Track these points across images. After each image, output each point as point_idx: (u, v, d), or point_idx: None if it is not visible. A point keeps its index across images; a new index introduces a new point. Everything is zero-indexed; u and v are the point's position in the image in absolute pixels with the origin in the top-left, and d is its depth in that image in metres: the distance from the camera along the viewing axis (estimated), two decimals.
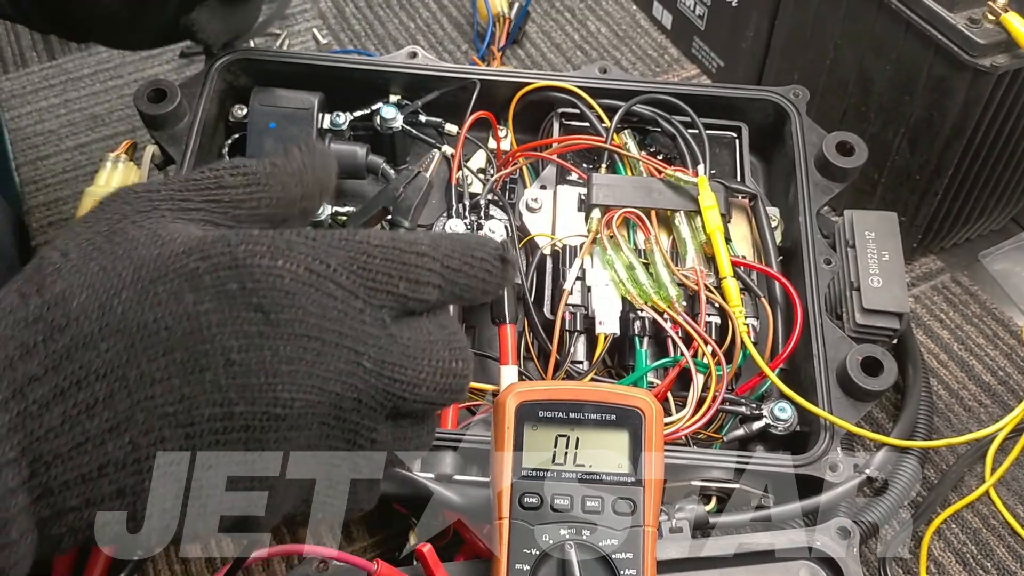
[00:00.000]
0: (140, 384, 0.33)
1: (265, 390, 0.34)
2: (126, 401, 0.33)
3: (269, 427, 0.35)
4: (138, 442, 0.33)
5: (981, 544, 0.68)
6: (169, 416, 0.33)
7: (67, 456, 0.32)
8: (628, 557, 0.51)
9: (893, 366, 0.62)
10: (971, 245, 0.87)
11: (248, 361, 0.34)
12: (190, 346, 0.34)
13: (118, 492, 0.33)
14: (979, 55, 0.68)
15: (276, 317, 0.35)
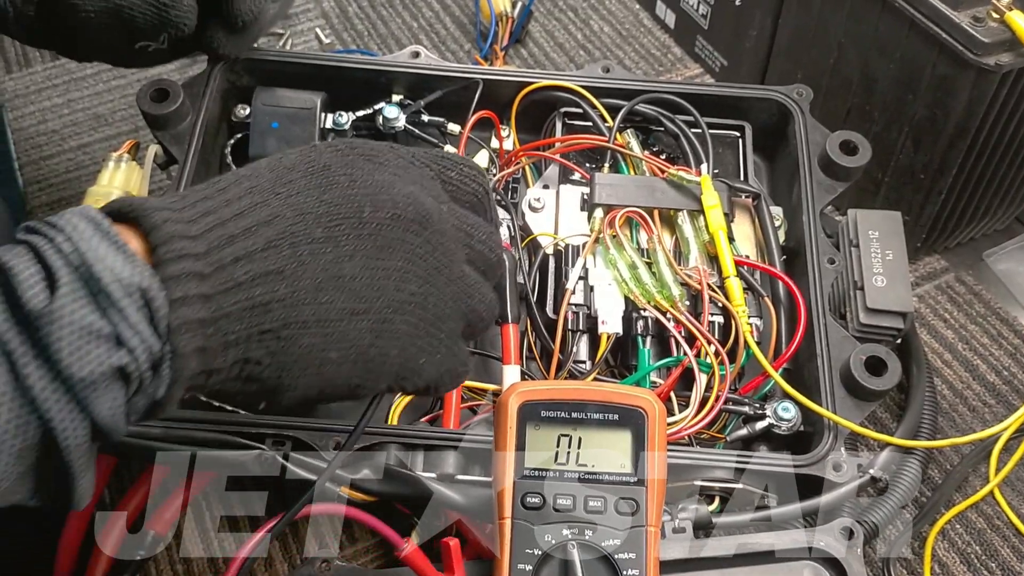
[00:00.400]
0: (288, 195, 0.41)
1: (384, 198, 0.42)
2: (278, 205, 0.40)
3: (391, 226, 0.42)
4: (291, 230, 0.40)
5: (985, 544, 0.68)
6: (314, 215, 0.41)
7: (237, 238, 0.38)
8: (631, 557, 0.51)
9: (897, 366, 0.61)
10: (975, 244, 0.87)
11: (367, 181, 0.43)
12: (321, 175, 0.42)
13: (279, 272, 0.39)
14: (983, 54, 0.67)
15: (379, 161, 0.45)
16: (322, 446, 0.58)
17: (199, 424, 0.59)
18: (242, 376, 0.39)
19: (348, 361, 0.41)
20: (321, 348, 0.40)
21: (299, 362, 0.40)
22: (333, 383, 0.42)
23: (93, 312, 0.34)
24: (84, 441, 0.35)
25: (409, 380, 0.44)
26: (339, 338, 0.40)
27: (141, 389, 0.36)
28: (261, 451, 0.57)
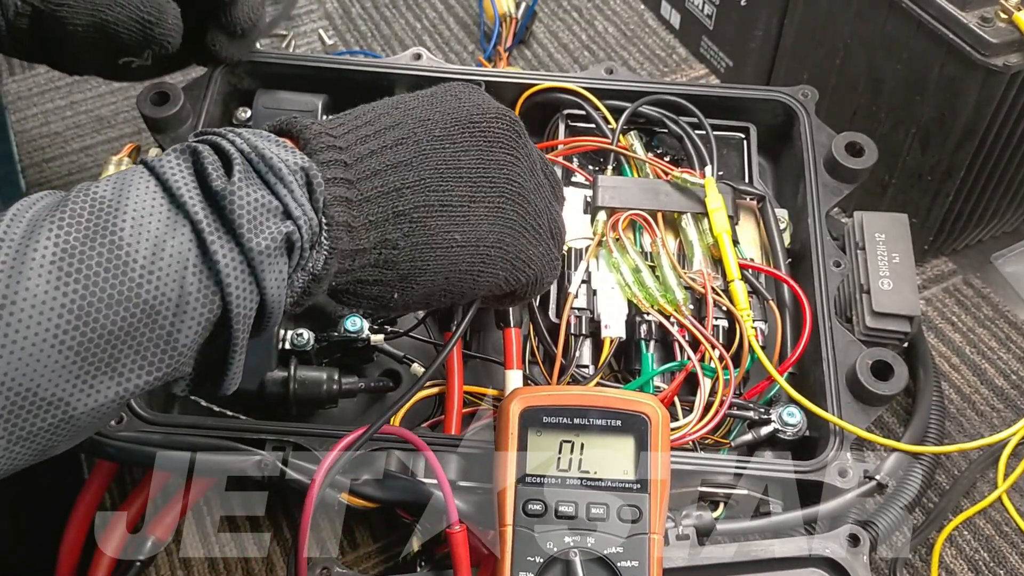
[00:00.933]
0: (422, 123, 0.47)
1: (486, 106, 0.49)
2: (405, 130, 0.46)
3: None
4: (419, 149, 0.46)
5: (993, 551, 0.67)
6: (437, 138, 0.47)
7: (376, 154, 0.44)
8: (634, 565, 0.51)
9: (904, 370, 0.61)
10: (983, 247, 0.86)
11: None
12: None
13: (418, 182, 0.45)
14: (991, 54, 0.67)
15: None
16: (323, 452, 0.57)
17: (199, 430, 0.59)
18: (381, 261, 0.44)
19: (471, 244, 0.46)
20: (447, 230, 0.45)
21: (429, 243, 0.45)
22: (458, 268, 0.47)
23: (264, 189, 0.39)
24: (251, 314, 0.39)
25: (521, 269, 0.50)
26: (462, 221, 0.46)
27: (301, 264, 0.41)
28: (261, 456, 0.57)
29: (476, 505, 0.56)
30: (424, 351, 0.68)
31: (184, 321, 0.37)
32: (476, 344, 0.70)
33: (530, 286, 0.52)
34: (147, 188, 0.38)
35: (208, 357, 0.40)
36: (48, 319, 0.34)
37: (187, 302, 0.37)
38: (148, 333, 0.36)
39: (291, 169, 0.40)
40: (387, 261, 0.44)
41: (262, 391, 0.62)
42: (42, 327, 0.34)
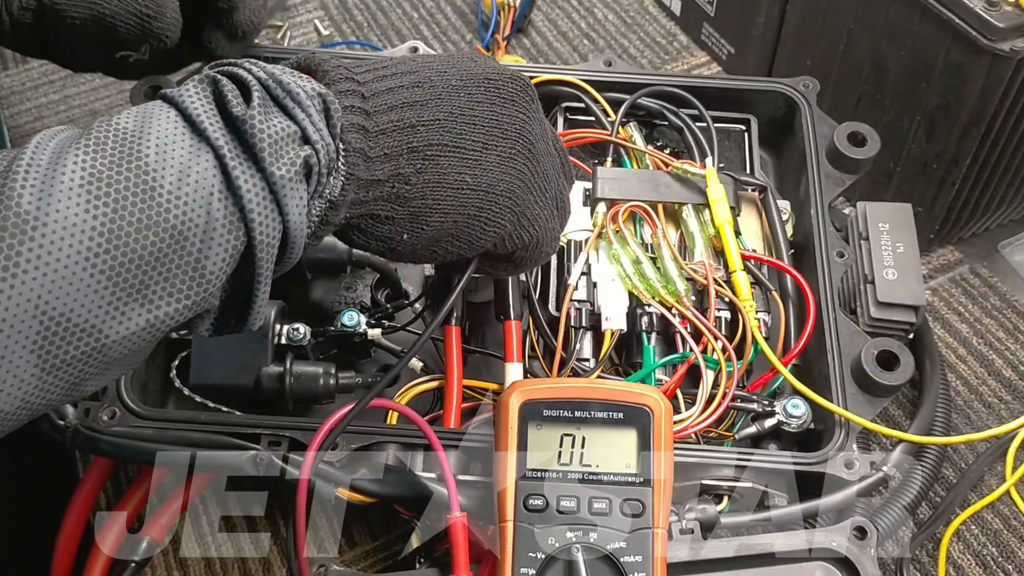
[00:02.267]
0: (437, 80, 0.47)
1: (503, 68, 0.49)
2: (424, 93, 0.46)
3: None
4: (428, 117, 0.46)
5: (1002, 546, 0.66)
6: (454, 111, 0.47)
7: (388, 111, 0.44)
8: (637, 560, 0.50)
9: (910, 360, 0.60)
10: (990, 235, 0.85)
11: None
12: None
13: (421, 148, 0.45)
14: (998, 39, 0.66)
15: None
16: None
17: (195, 425, 0.58)
18: (393, 195, 0.44)
19: (481, 188, 0.46)
20: (458, 170, 0.46)
21: (440, 181, 0.45)
22: (467, 211, 0.47)
23: (282, 115, 0.40)
24: (275, 243, 0.40)
25: (525, 227, 0.50)
26: (473, 164, 0.46)
27: (319, 190, 0.41)
28: (256, 451, 0.56)
29: (476, 500, 0.56)
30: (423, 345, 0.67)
31: (212, 248, 0.37)
32: (476, 339, 0.69)
33: (530, 250, 0.52)
34: (168, 118, 0.38)
35: (234, 291, 0.41)
36: (79, 241, 0.34)
37: (214, 228, 0.37)
38: (177, 260, 0.37)
39: (308, 95, 0.41)
40: (399, 196, 0.45)
41: (258, 386, 0.61)
42: (73, 249, 0.34)
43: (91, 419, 0.58)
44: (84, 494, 0.63)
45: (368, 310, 0.66)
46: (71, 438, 0.58)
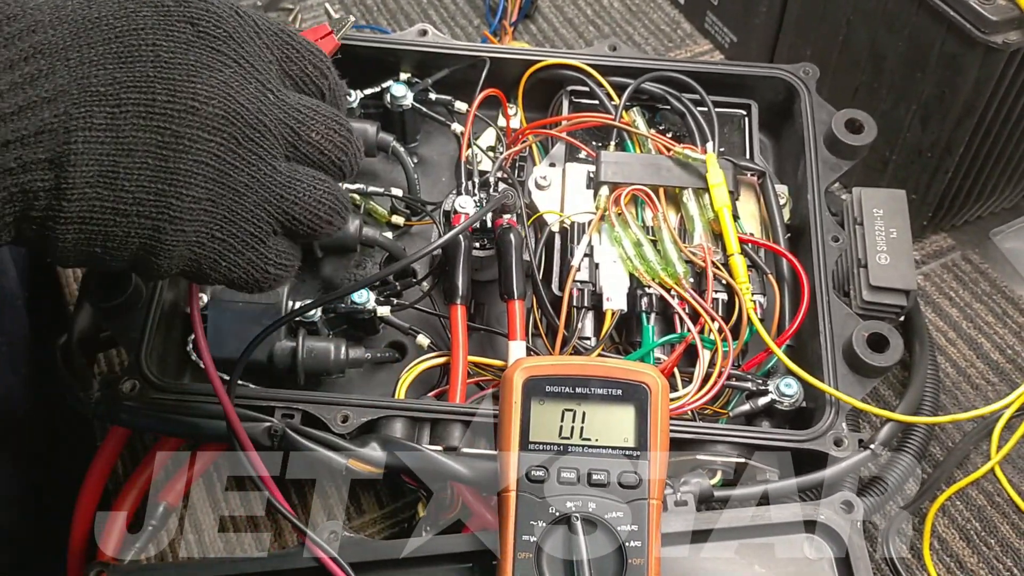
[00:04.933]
0: (79, 65, 0.38)
1: (186, 85, 0.40)
2: (65, 77, 0.38)
3: (185, 121, 0.40)
4: (71, 112, 0.38)
5: (985, 521, 0.69)
6: (100, 96, 0.39)
7: (9, 118, 0.37)
8: (633, 529, 0.52)
9: (899, 343, 0.62)
10: (982, 223, 0.87)
11: (174, 61, 0.40)
12: (126, 41, 0.39)
13: (49, 161, 0.38)
14: (991, 32, 0.67)
15: (204, 30, 0.41)
16: (330, 419, 0.59)
17: (211, 397, 0.60)
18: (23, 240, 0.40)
19: (126, 251, 0.41)
20: (87, 242, 0.40)
21: (70, 252, 0.40)
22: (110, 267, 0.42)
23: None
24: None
25: (204, 274, 0.44)
26: (106, 236, 0.40)
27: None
28: (271, 423, 0.58)
29: (480, 472, 0.58)
30: (429, 323, 0.69)
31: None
32: (480, 316, 0.71)
33: (229, 284, 0.46)
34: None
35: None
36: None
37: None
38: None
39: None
40: (29, 241, 0.40)
41: (271, 360, 0.64)
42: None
43: (113, 391, 0.60)
44: (102, 462, 0.66)
45: (377, 288, 0.68)
46: (94, 409, 0.60)
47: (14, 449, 0.68)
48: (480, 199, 0.69)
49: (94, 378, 0.61)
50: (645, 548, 0.51)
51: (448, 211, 0.70)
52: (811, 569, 0.56)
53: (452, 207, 0.69)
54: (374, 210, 0.73)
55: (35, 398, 0.68)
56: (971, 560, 0.67)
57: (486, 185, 0.71)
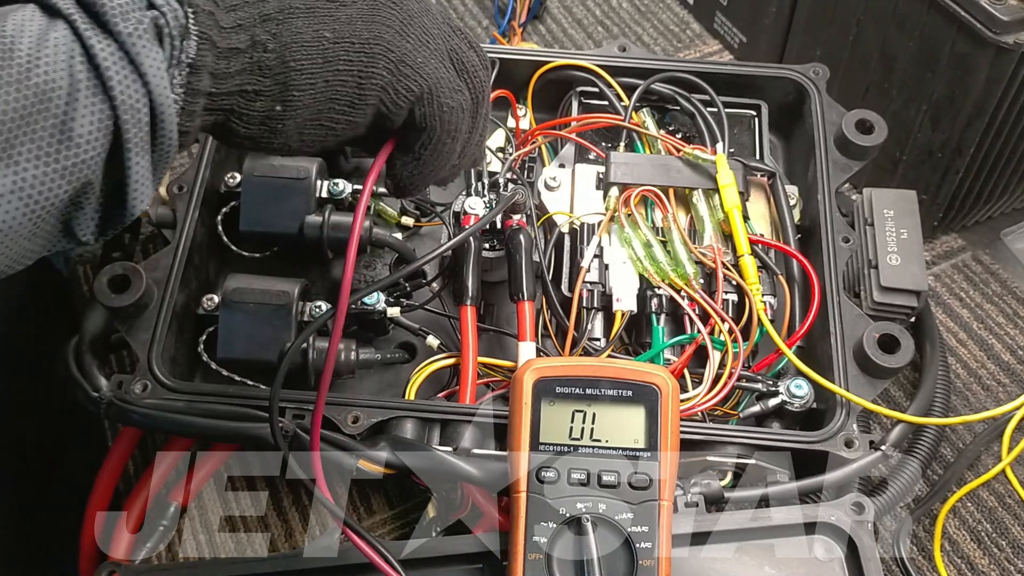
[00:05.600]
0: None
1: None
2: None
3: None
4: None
5: (996, 523, 0.69)
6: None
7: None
8: (643, 530, 0.52)
9: (910, 343, 0.62)
10: (993, 223, 0.87)
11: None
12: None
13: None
14: (1002, 32, 0.67)
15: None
16: (341, 420, 0.59)
17: (221, 397, 0.60)
18: (256, 67, 0.43)
19: (344, 40, 0.44)
20: (314, 28, 0.44)
21: (297, 41, 0.44)
22: (336, 67, 0.45)
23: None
24: (139, 107, 0.39)
25: (408, 76, 0.46)
26: (329, 20, 0.44)
27: (175, 55, 0.41)
28: (282, 423, 0.58)
29: (490, 473, 0.58)
30: (439, 324, 0.69)
31: (77, 110, 0.37)
32: (490, 317, 0.71)
33: (426, 104, 0.47)
34: (22, 8, 0.39)
35: (111, 169, 0.40)
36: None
37: (78, 91, 0.37)
38: (42, 121, 0.37)
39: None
40: (262, 66, 0.43)
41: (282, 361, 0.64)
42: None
43: (124, 391, 0.60)
44: (113, 462, 0.66)
45: (387, 289, 0.69)
46: (105, 410, 0.60)
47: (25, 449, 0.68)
48: (490, 200, 0.69)
49: (105, 379, 0.62)
50: (655, 549, 0.52)
51: (458, 212, 0.70)
52: (821, 570, 0.56)
53: (462, 208, 0.69)
54: (384, 211, 0.74)
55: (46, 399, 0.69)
56: (982, 561, 0.67)
57: (495, 186, 0.72)
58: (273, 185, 0.69)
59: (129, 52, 0.38)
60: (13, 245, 0.38)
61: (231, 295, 0.65)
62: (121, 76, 0.38)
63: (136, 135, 0.39)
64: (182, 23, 0.41)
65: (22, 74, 0.36)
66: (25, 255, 0.40)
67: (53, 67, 0.37)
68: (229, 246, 0.71)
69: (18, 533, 0.68)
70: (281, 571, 0.55)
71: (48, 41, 0.37)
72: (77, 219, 0.40)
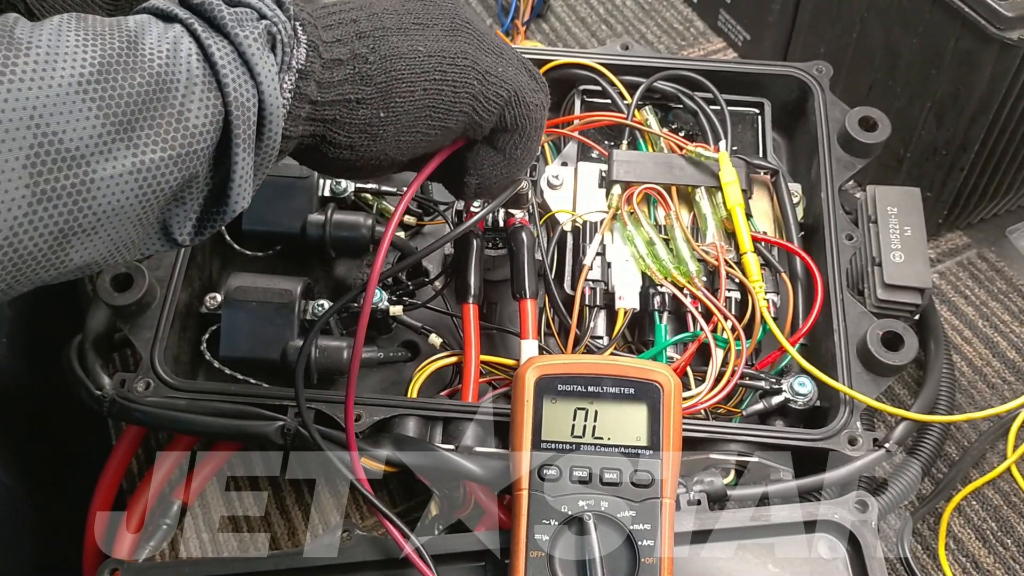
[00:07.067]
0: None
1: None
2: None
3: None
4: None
5: (1001, 521, 0.68)
6: (390, 13, 0.49)
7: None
8: (646, 528, 0.52)
9: (914, 341, 0.61)
10: (998, 220, 0.87)
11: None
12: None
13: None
14: (1006, 28, 0.67)
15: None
16: (343, 418, 0.59)
17: (224, 396, 0.60)
18: (358, 76, 0.46)
19: (435, 53, 0.48)
20: (410, 43, 0.48)
21: (396, 53, 0.47)
22: (432, 77, 0.48)
23: (234, 5, 0.42)
24: (251, 107, 0.41)
25: (495, 84, 0.50)
26: (420, 38, 0.48)
27: (286, 61, 0.43)
28: (284, 422, 0.58)
29: (492, 471, 0.58)
30: (442, 322, 0.69)
31: (193, 101, 0.39)
32: (492, 316, 0.71)
33: (514, 106, 0.51)
34: (141, 14, 0.41)
35: (217, 164, 0.42)
36: (72, 67, 0.36)
37: (195, 84, 0.39)
38: (161, 108, 0.38)
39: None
40: (363, 76, 0.46)
41: (284, 359, 0.64)
42: (67, 72, 0.36)
43: (127, 389, 0.60)
44: (116, 461, 0.66)
45: (390, 287, 0.69)
46: (108, 408, 0.60)
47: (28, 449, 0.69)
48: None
49: (108, 377, 0.62)
50: (658, 547, 0.51)
51: (460, 210, 0.70)
52: (825, 568, 0.56)
53: (464, 206, 0.69)
54: (386, 210, 0.74)
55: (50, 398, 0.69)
56: (987, 560, 0.67)
57: None
58: (276, 184, 0.69)
59: (244, 54, 0.41)
60: (120, 229, 0.39)
61: (234, 294, 0.65)
62: (236, 75, 0.40)
63: (245, 131, 0.41)
64: (291, 33, 0.43)
65: (146, 62, 0.38)
66: (125, 247, 0.41)
67: (173, 59, 0.39)
68: (232, 245, 0.71)
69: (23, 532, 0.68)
70: (282, 569, 0.55)
71: (169, 38, 0.39)
72: (178, 216, 0.42)
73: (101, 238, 0.39)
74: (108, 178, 0.37)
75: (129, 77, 0.37)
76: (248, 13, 0.42)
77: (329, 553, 0.55)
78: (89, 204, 0.37)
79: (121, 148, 0.37)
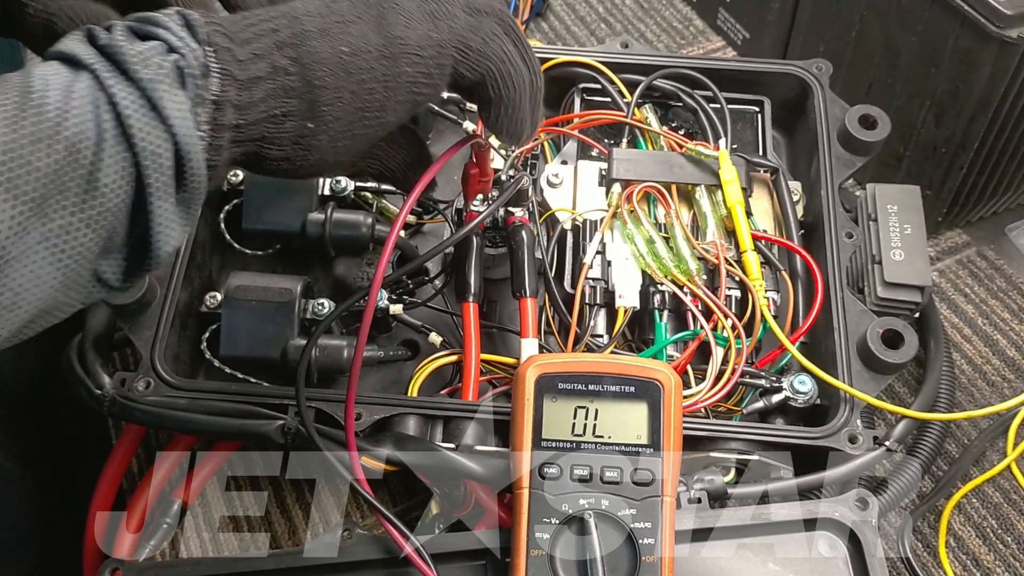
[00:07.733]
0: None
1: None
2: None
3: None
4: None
5: (1002, 519, 0.68)
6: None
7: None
8: (647, 526, 0.52)
9: (914, 339, 0.62)
10: (997, 219, 0.87)
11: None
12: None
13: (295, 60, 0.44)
14: (1006, 26, 0.67)
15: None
16: (343, 417, 0.59)
17: (224, 395, 0.60)
18: (280, 90, 0.44)
19: (361, 52, 0.45)
20: (332, 45, 0.45)
21: (318, 60, 0.44)
22: (361, 80, 0.45)
23: (144, 38, 0.41)
24: (162, 153, 0.39)
25: (432, 56, 0.47)
26: (344, 36, 0.45)
27: (199, 95, 0.41)
28: (284, 421, 0.58)
29: (493, 470, 0.58)
30: (442, 321, 0.69)
31: (103, 160, 0.38)
32: (492, 314, 0.71)
33: (466, 58, 0.48)
34: (47, 63, 0.40)
35: (139, 221, 0.40)
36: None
37: (104, 140, 0.38)
38: (71, 173, 0.37)
39: (167, 14, 0.42)
40: (285, 88, 0.44)
41: (285, 358, 0.64)
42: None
43: (127, 389, 0.60)
44: (117, 460, 0.66)
45: (390, 286, 0.69)
46: (108, 407, 0.60)
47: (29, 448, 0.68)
48: (492, 197, 0.69)
49: (108, 377, 0.62)
50: (658, 545, 0.51)
51: (460, 209, 0.70)
52: (826, 567, 0.56)
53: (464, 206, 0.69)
54: (386, 209, 0.74)
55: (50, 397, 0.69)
56: (987, 558, 0.67)
57: (498, 183, 0.71)
58: (276, 183, 0.69)
59: (151, 98, 0.39)
60: (44, 296, 0.38)
61: (234, 293, 0.65)
62: (143, 123, 0.39)
63: (158, 180, 0.39)
64: (202, 62, 0.41)
65: (53, 129, 0.36)
66: (59, 307, 0.40)
67: (81, 119, 0.37)
68: (232, 244, 0.71)
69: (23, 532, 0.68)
70: (283, 568, 0.55)
71: (75, 93, 0.38)
72: (107, 266, 0.41)
73: (25, 309, 0.38)
74: (20, 254, 0.36)
75: (38, 150, 0.36)
76: (155, 48, 0.40)
77: (329, 552, 0.55)
78: (5, 283, 0.36)
79: (33, 221, 0.36)
